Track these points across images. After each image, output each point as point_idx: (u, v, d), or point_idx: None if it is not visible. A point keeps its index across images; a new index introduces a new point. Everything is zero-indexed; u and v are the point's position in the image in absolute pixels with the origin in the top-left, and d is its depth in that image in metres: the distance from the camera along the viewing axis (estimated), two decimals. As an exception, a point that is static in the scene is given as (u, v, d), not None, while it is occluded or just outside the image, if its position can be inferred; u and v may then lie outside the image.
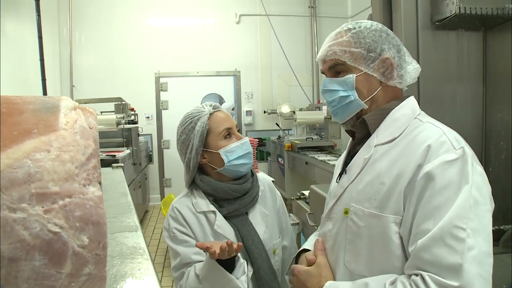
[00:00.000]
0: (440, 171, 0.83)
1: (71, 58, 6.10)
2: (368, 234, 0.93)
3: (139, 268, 0.57)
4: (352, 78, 1.00)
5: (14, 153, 0.34)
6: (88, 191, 0.37)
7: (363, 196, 0.95)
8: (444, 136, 0.88)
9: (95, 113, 0.51)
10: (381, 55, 0.99)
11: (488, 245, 0.80)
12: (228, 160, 1.32)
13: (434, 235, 0.79)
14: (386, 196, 0.90)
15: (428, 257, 0.78)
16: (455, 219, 0.78)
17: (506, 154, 1.97)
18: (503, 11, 1.88)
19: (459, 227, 0.78)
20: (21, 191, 0.33)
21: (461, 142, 0.89)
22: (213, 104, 1.39)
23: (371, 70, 0.99)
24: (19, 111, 0.38)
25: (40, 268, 0.33)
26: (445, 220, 0.79)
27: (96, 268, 0.37)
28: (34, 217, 0.33)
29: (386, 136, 0.97)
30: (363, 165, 0.98)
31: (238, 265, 1.21)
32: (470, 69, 2.06)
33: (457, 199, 0.80)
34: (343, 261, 0.98)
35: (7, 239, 0.32)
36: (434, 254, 0.78)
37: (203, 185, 1.35)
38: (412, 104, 1.03)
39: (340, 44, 1.01)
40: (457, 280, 0.74)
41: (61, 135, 0.38)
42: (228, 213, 1.34)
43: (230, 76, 6.69)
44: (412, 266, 0.82)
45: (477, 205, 0.81)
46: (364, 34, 1.00)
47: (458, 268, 0.75)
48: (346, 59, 1.00)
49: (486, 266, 0.77)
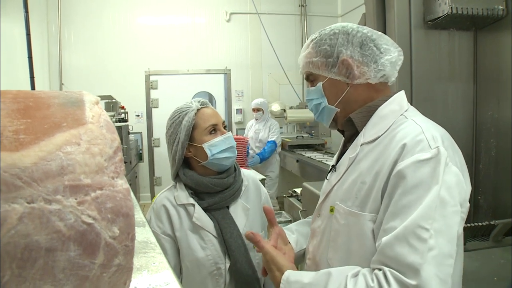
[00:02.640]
0: (412, 170, 0.83)
1: (60, 55, 6.01)
2: (347, 231, 0.95)
3: (154, 262, 0.58)
4: (320, 86, 1.05)
5: (46, 146, 0.35)
6: (116, 183, 0.38)
7: (347, 195, 0.97)
8: (422, 134, 0.88)
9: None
10: (339, 57, 1.00)
11: (451, 247, 0.80)
12: (211, 153, 1.36)
13: (398, 234, 0.79)
14: (367, 194, 0.92)
15: (391, 254, 0.79)
16: (420, 219, 0.79)
17: (496, 151, 2.01)
18: (493, 12, 1.92)
19: (422, 227, 0.78)
20: (55, 183, 0.34)
21: (438, 141, 0.86)
22: (201, 100, 1.44)
23: (334, 74, 1.02)
24: (46, 105, 0.39)
25: (75, 258, 0.34)
26: (410, 219, 0.79)
27: (125, 259, 0.38)
28: (68, 208, 0.34)
29: (372, 134, 0.98)
30: (349, 164, 1.00)
31: None
32: (461, 68, 2.10)
33: (425, 198, 0.80)
34: (326, 258, 1.01)
35: (44, 230, 0.32)
36: (396, 252, 0.79)
37: (185, 178, 1.40)
38: (400, 100, 1.02)
39: (305, 56, 1.07)
40: (416, 279, 0.74)
41: (89, 129, 0.38)
42: (208, 205, 1.37)
43: (221, 74, 6.68)
44: (377, 261, 0.83)
45: (444, 206, 0.80)
46: (322, 41, 1.03)
47: (417, 267, 0.75)
48: (311, 69, 1.05)
49: (445, 267, 0.77)
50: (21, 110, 0.37)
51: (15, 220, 0.31)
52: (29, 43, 4.32)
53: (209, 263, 1.33)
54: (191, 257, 1.34)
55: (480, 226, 1.82)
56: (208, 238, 1.34)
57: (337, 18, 6.79)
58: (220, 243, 1.34)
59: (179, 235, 1.36)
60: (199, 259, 1.32)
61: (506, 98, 1.93)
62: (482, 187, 2.07)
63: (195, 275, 1.34)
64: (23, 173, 0.32)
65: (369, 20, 2.20)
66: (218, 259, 1.33)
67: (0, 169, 0.31)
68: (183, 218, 1.37)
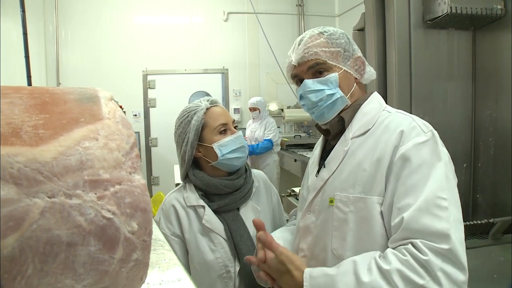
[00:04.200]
0: (414, 152, 0.91)
1: (58, 55, 5.98)
2: (354, 218, 0.98)
3: (164, 259, 0.58)
4: (336, 76, 1.06)
5: (65, 141, 0.35)
6: (134, 178, 0.38)
7: (347, 184, 1.01)
8: (414, 122, 0.98)
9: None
10: (353, 54, 1.09)
11: (460, 214, 0.89)
12: (221, 154, 1.33)
13: (421, 207, 0.85)
14: (369, 180, 0.97)
15: (417, 227, 0.84)
16: (437, 191, 0.86)
17: (495, 150, 2.02)
18: (492, 11, 1.94)
19: (441, 197, 0.86)
20: (75, 178, 0.34)
21: (429, 126, 0.98)
22: (211, 99, 1.40)
23: (348, 67, 1.08)
24: (63, 101, 0.39)
25: (95, 253, 0.34)
26: (427, 192, 0.86)
27: (142, 254, 0.38)
28: (88, 203, 0.34)
29: (360, 129, 1.05)
30: (343, 156, 1.04)
31: None
32: (460, 67, 2.11)
33: (432, 174, 0.89)
34: (331, 249, 1.02)
35: (64, 224, 0.32)
36: (423, 223, 0.84)
37: (195, 179, 1.37)
38: (378, 99, 1.12)
39: (318, 45, 1.07)
40: (447, 243, 0.81)
41: (106, 124, 0.38)
42: (219, 207, 1.35)
43: (218, 74, 6.67)
44: (400, 238, 0.87)
45: (448, 180, 0.90)
46: (337, 36, 1.09)
47: (447, 232, 0.82)
48: (327, 58, 1.06)
49: (461, 232, 0.86)
50: (39, 106, 0.37)
51: (37, 215, 0.31)
52: (26, 42, 4.29)
53: (218, 266, 1.30)
54: (200, 259, 1.31)
55: (479, 224, 1.83)
56: (218, 240, 1.32)
57: (334, 18, 6.80)
58: (230, 246, 1.31)
59: (188, 236, 1.33)
60: (208, 261, 1.30)
61: (505, 97, 1.94)
62: (481, 185, 2.08)
63: (204, 278, 1.31)
64: (44, 168, 0.32)
65: (368, 19, 2.21)
66: (228, 262, 1.31)
67: (21, 164, 0.31)
68: (192, 220, 1.34)
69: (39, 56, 5.65)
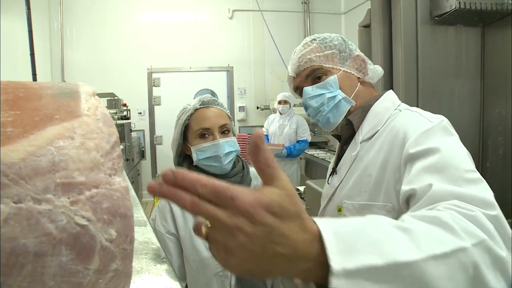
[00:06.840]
0: (423, 139, 0.83)
1: (62, 53, 5.99)
2: None
3: (155, 264, 0.55)
4: (335, 78, 1.03)
5: (36, 140, 0.32)
6: (114, 181, 0.35)
7: (354, 192, 0.97)
8: (420, 116, 0.92)
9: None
10: (351, 54, 1.06)
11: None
12: (197, 158, 1.32)
13: (457, 181, 0.73)
14: (375, 185, 0.92)
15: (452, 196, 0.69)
16: (465, 164, 0.77)
17: (504, 149, 1.98)
18: (502, 7, 1.89)
19: (472, 170, 0.76)
20: (46, 181, 0.31)
21: (439, 116, 0.90)
22: (203, 99, 1.35)
23: (347, 67, 1.04)
24: (38, 96, 0.36)
25: (67, 264, 0.31)
26: (457, 168, 0.75)
27: (123, 263, 0.34)
28: (60, 209, 0.31)
29: (370, 131, 1.00)
30: (351, 162, 1.01)
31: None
32: (468, 64, 2.07)
33: (450, 149, 0.80)
34: None
35: (32, 233, 0.29)
36: (465, 196, 0.69)
37: None
38: (392, 97, 1.05)
39: (311, 51, 1.05)
40: (495, 210, 0.66)
41: (84, 122, 0.35)
42: None
43: (223, 72, 6.64)
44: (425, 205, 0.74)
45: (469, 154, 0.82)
46: (329, 39, 1.06)
47: (492, 199, 0.70)
48: (322, 62, 1.03)
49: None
50: (10, 101, 0.34)
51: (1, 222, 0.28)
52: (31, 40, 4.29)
53: (214, 264, 1.28)
54: (196, 257, 1.30)
55: (488, 226, 1.78)
56: None
57: (340, 15, 6.74)
58: None
59: (183, 234, 1.32)
60: (203, 259, 1.29)
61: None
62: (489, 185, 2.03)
63: (199, 276, 1.30)
64: (10, 170, 0.29)
65: (374, 16, 2.17)
66: None
67: (-16, 165, 0.28)
68: (187, 217, 1.33)
69: (44, 54, 5.66)
